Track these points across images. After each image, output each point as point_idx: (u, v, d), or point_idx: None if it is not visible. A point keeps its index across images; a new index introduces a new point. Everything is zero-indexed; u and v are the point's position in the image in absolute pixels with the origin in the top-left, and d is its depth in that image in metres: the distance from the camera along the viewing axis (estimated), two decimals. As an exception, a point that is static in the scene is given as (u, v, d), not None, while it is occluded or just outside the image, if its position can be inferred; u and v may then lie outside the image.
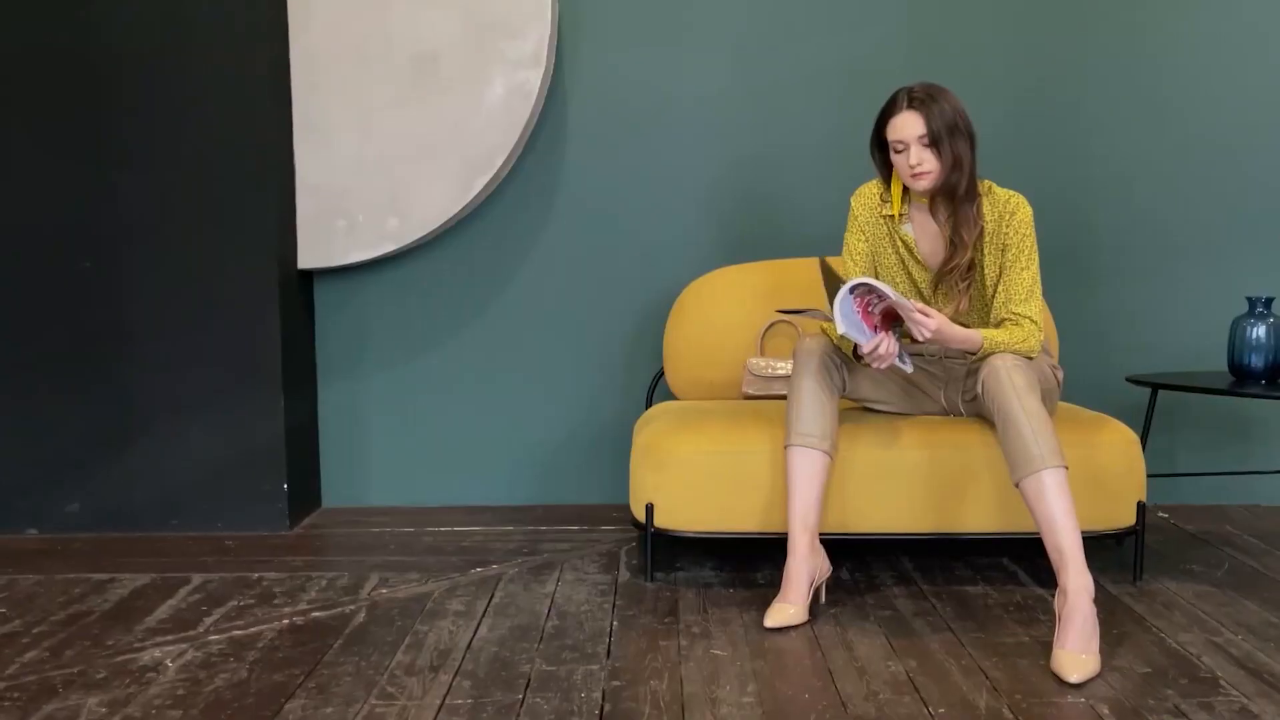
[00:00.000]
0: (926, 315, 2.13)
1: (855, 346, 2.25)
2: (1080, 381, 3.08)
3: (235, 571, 2.64)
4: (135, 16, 2.86)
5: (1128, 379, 2.90)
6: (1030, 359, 2.26)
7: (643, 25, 3.14)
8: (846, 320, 2.10)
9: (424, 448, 3.26)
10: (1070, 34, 3.15)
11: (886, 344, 2.15)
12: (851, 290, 2.10)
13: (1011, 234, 2.29)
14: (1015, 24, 3.15)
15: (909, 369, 2.28)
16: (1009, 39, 3.16)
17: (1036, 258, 2.30)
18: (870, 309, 2.16)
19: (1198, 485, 3.21)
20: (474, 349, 3.23)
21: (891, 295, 2.09)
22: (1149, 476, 2.94)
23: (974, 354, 2.27)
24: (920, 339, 2.16)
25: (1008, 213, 2.29)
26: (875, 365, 2.19)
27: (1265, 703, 1.85)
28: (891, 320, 2.21)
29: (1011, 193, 2.32)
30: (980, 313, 2.37)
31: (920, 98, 2.24)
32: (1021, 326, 2.27)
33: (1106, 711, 1.82)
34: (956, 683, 1.94)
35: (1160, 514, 3.11)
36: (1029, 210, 2.30)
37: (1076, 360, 3.11)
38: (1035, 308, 2.28)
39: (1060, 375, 2.49)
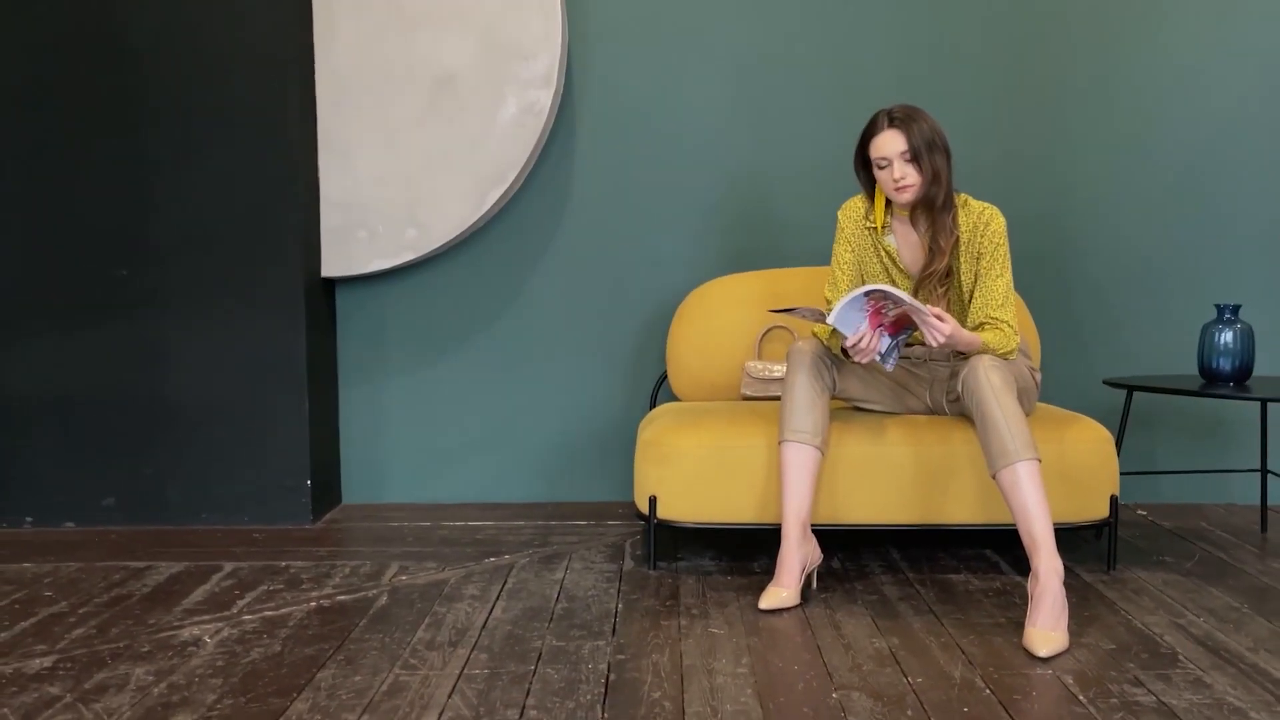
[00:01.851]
0: (941, 320, 2.28)
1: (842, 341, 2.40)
2: (1062, 384, 3.26)
3: (264, 560, 2.81)
4: (174, 42, 3.05)
5: (1104, 381, 3.07)
6: (1008, 358, 2.42)
7: (648, 48, 3.32)
8: (843, 315, 2.25)
9: (439, 447, 3.42)
10: (1054, 59, 3.32)
11: (869, 339, 2.31)
12: (868, 293, 2.26)
13: (986, 243, 2.46)
14: (1002, 51, 3.32)
15: (889, 368, 2.44)
16: (996, 64, 3.33)
17: (1010, 265, 2.47)
18: (884, 312, 2.31)
19: (1176, 485, 3.36)
20: (487, 353, 3.40)
21: (908, 301, 2.24)
22: (1126, 474, 3.13)
23: (964, 354, 2.43)
24: (934, 343, 2.30)
25: (982, 223, 2.46)
26: (857, 359, 2.35)
27: (1218, 674, 2.01)
28: (902, 326, 2.37)
29: (986, 205, 2.49)
30: (958, 316, 2.53)
31: (900, 117, 2.41)
32: (1001, 330, 2.44)
33: (1071, 681, 1.98)
34: (935, 657, 2.10)
35: (1139, 511, 3.27)
36: (1002, 221, 2.47)
37: (1058, 364, 3.28)
38: (1011, 312, 2.45)
39: (1038, 377, 2.66)
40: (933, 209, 2.44)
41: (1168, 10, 3.30)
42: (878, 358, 2.36)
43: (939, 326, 2.27)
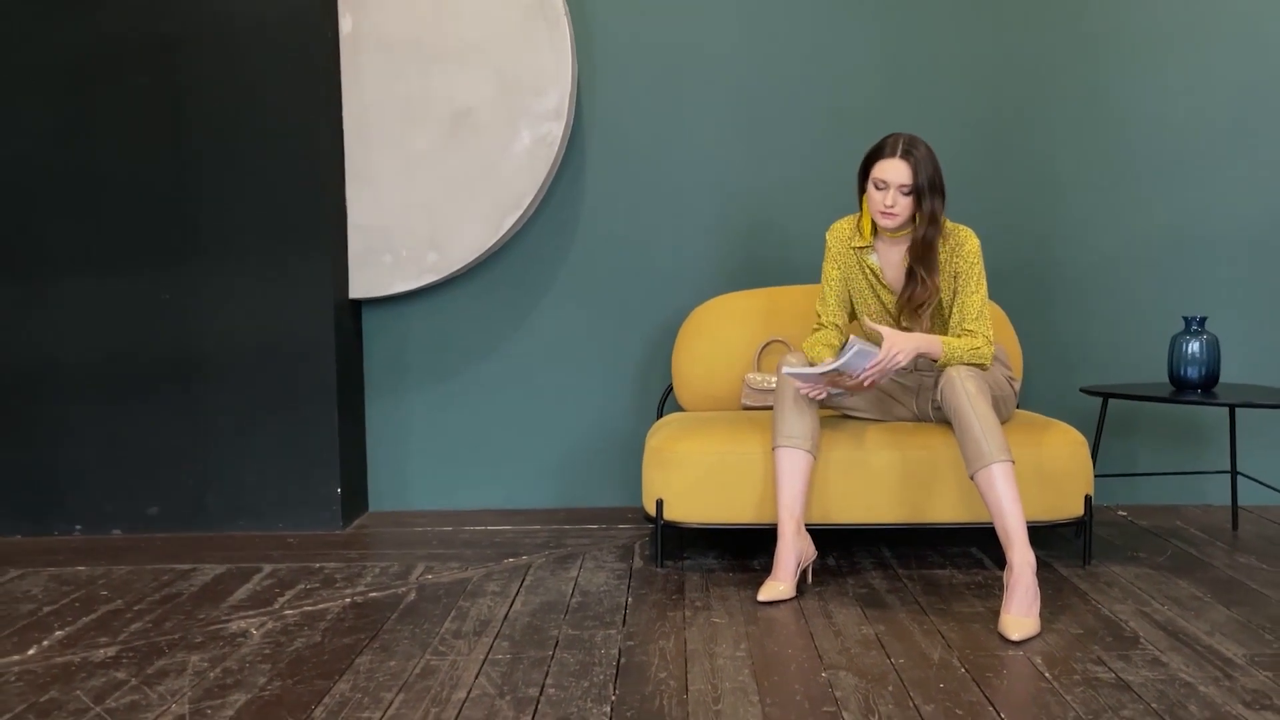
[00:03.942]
0: (886, 360, 2.53)
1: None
2: (1042, 392, 3.47)
3: (299, 562, 3.02)
4: (215, 82, 3.28)
5: (1081, 389, 3.27)
6: (984, 366, 2.63)
7: (651, 82, 3.54)
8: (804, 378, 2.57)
9: (460, 456, 3.63)
10: (1035, 82, 3.53)
11: (817, 392, 2.64)
12: (824, 373, 2.57)
13: (961, 263, 2.66)
14: (983, 73, 3.53)
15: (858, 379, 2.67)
16: (978, 85, 3.53)
17: (985, 281, 2.68)
18: (841, 377, 2.63)
19: (1155, 487, 3.55)
20: (504, 368, 3.61)
21: (860, 370, 2.54)
22: (1106, 477, 3.33)
23: (936, 360, 2.63)
24: (903, 364, 2.56)
25: (957, 244, 2.67)
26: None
27: (1174, 655, 2.21)
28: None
29: (960, 226, 2.70)
30: (941, 330, 2.74)
31: (910, 150, 2.59)
32: (975, 338, 2.64)
33: (1039, 661, 2.18)
34: (916, 641, 2.31)
35: (1120, 512, 3.46)
36: (976, 241, 2.68)
37: (1039, 374, 3.49)
38: (986, 324, 2.65)
39: (1017, 385, 2.87)
40: (931, 249, 2.64)
41: (1149, 30, 3.50)
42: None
43: (892, 366, 2.54)
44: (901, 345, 2.54)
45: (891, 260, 2.74)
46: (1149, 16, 3.50)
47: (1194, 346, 3.05)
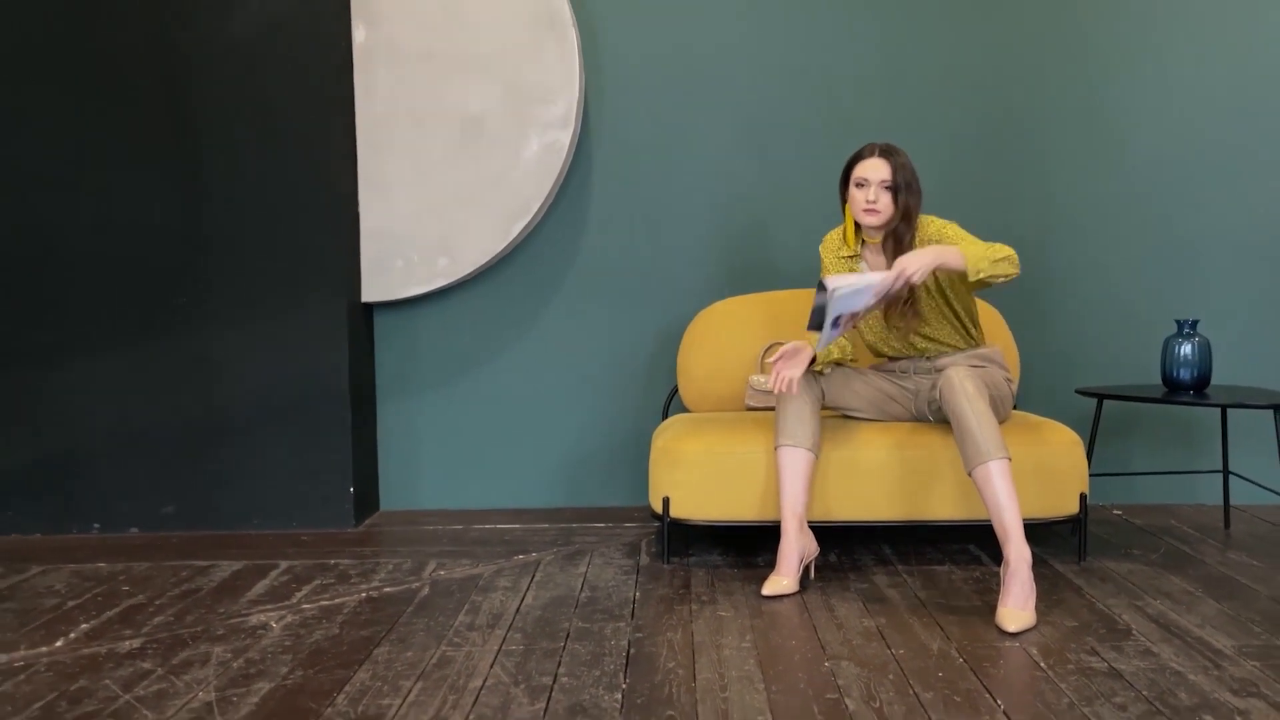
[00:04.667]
0: (901, 275, 2.50)
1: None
2: (1039, 394, 3.55)
3: (314, 559, 3.10)
4: (232, 91, 3.37)
5: (1077, 391, 3.34)
6: (1013, 265, 2.60)
7: (656, 91, 3.62)
8: (842, 304, 2.54)
9: (469, 457, 3.71)
10: (1032, 95, 3.61)
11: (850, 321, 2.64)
12: (835, 324, 2.56)
13: (935, 238, 2.74)
14: (981, 86, 3.62)
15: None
16: (976, 98, 3.62)
17: (970, 235, 2.71)
18: (857, 317, 2.62)
19: (1150, 486, 3.62)
20: (512, 370, 3.69)
21: (865, 302, 2.53)
22: (1102, 476, 3.41)
23: (962, 269, 2.55)
24: (910, 281, 2.52)
25: (921, 228, 2.75)
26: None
27: (1165, 646, 2.29)
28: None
29: (926, 216, 2.78)
30: (949, 328, 2.83)
31: (887, 150, 2.73)
32: (994, 245, 2.62)
33: (1035, 652, 2.26)
34: (916, 633, 2.38)
35: (1115, 511, 3.54)
36: (940, 221, 2.76)
37: (1036, 375, 3.56)
38: (1000, 246, 2.61)
39: (1014, 386, 2.95)
40: (901, 244, 2.74)
41: (1144, 36, 3.58)
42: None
43: (895, 280, 2.51)
44: (914, 260, 2.51)
45: (879, 265, 2.82)
46: (1144, 23, 3.59)
47: (1186, 349, 3.13)
